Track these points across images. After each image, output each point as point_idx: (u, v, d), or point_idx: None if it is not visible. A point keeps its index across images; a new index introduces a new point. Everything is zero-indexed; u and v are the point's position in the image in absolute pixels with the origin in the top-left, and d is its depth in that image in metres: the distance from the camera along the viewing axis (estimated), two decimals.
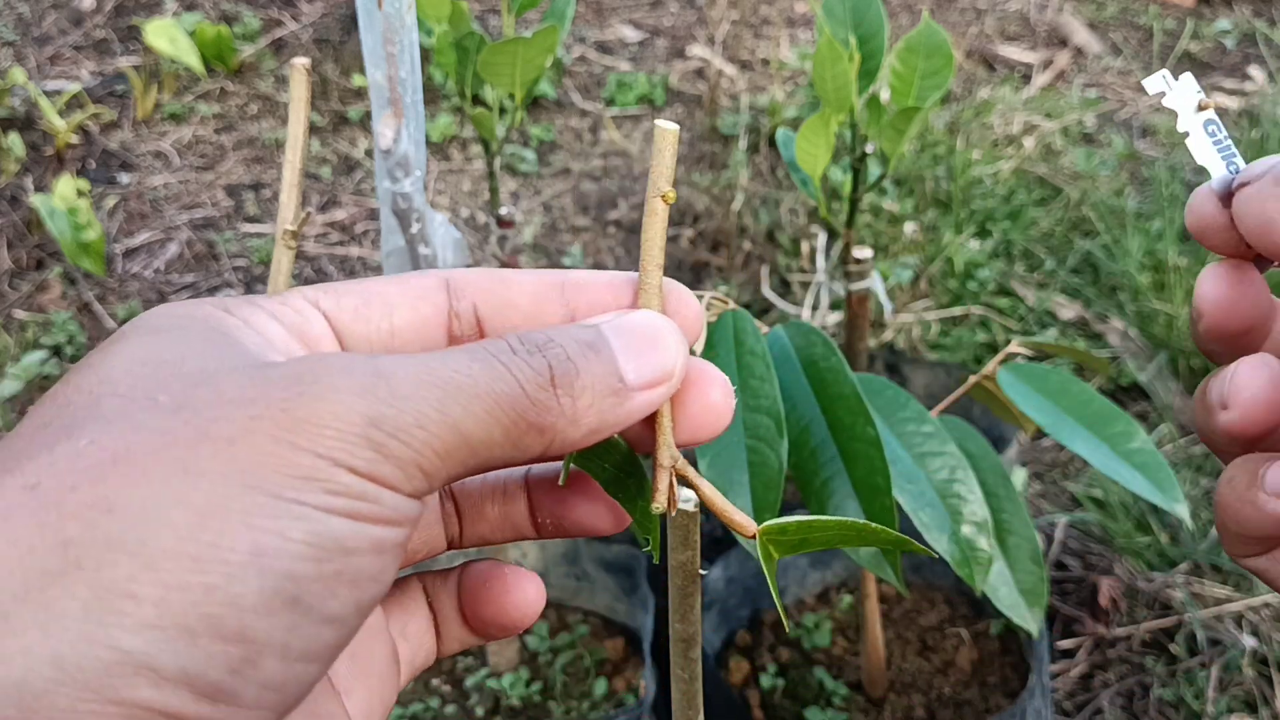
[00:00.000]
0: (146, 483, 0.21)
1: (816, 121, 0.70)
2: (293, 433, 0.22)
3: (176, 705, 0.20)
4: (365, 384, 0.23)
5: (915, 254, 1.74)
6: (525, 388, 0.25)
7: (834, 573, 1.11)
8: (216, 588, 0.21)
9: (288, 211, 0.50)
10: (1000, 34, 2.39)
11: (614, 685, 1.02)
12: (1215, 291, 0.31)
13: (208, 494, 0.21)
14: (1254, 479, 0.30)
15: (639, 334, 0.28)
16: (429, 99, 2.16)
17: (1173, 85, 0.33)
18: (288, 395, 0.23)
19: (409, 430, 0.23)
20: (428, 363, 0.24)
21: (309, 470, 0.22)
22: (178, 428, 0.22)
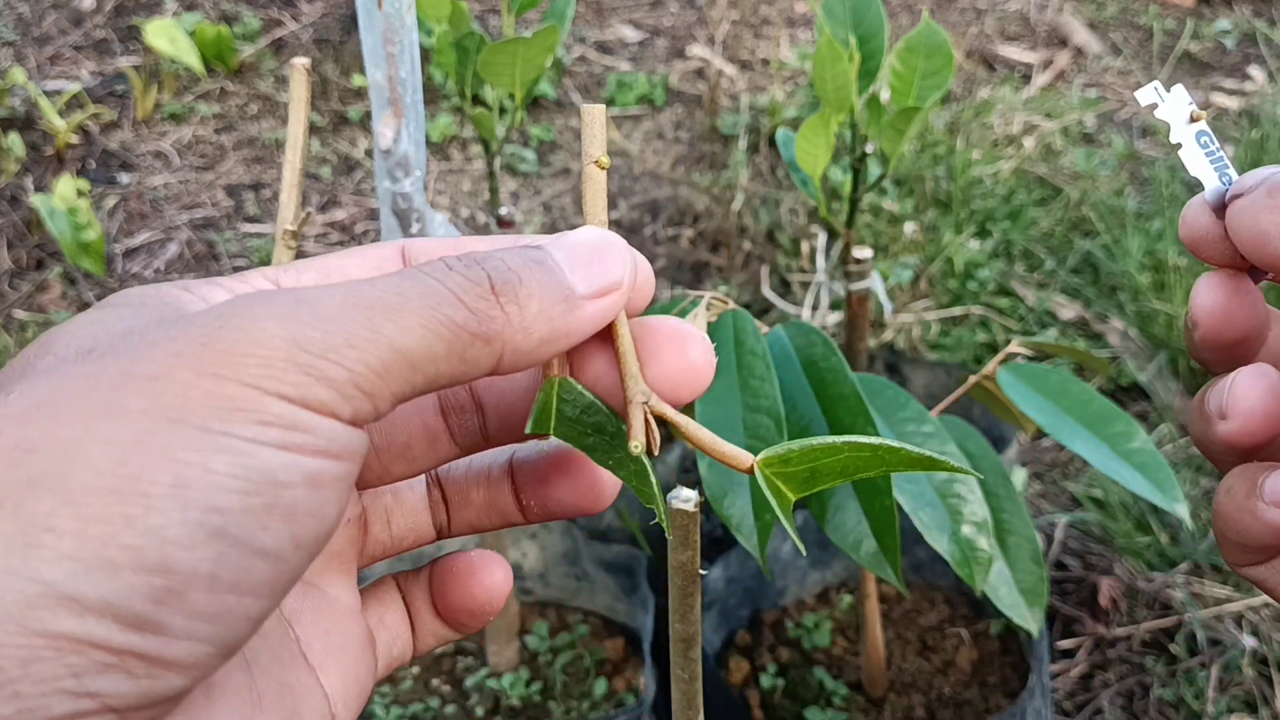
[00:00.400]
0: (69, 423, 0.21)
1: (816, 121, 0.70)
2: (216, 365, 0.22)
3: (101, 635, 0.20)
4: (285, 310, 0.23)
5: (915, 254, 1.74)
6: (463, 298, 0.25)
7: (834, 573, 1.11)
8: (135, 519, 0.21)
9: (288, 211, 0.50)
10: (1000, 34, 2.39)
11: (614, 685, 1.02)
12: (1211, 301, 0.31)
13: (130, 430, 0.21)
14: (1253, 488, 0.30)
15: (583, 246, 0.27)
16: (429, 99, 2.16)
17: (1164, 97, 0.33)
18: (208, 330, 0.22)
19: (338, 350, 0.23)
20: (354, 286, 0.24)
21: (237, 400, 0.22)
22: (101, 371, 0.22)
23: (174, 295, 0.26)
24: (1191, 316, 0.32)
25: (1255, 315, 0.32)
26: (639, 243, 1.84)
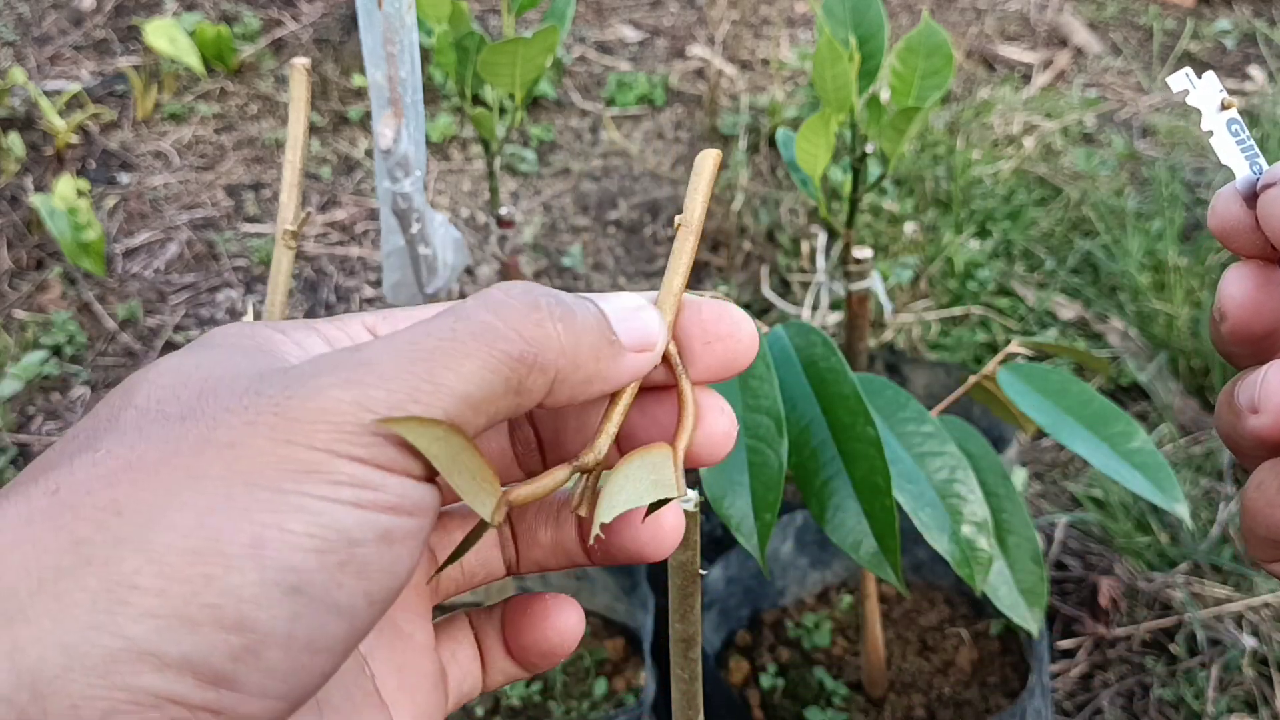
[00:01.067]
0: (153, 487, 0.22)
1: (816, 121, 0.70)
2: (288, 432, 0.23)
3: (180, 691, 0.21)
4: (350, 376, 0.23)
5: (915, 254, 1.74)
6: (517, 328, 0.25)
7: (834, 573, 1.11)
8: (215, 578, 0.21)
9: (288, 211, 0.50)
10: (1000, 34, 2.39)
11: (614, 685, 1.02)
12: (1241, 292, 0.31)
13: (209, 494, 0.22)
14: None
15: (626, 305, 0.28)
16: (429, 99, 2.16)
17: (1195, 84, 0.33)
18: (278, 399, 0.23)
19: (403, 407, 0.23)
20: (411, 337, 0.24)
21: (309, 464, 0.23)
22: (182, 436, 0.23)
23: (269, 339, 0.27)
24: (1219, 308, 0.31)
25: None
26: (639, 242, 1.84)
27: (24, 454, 1.51)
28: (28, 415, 1.57)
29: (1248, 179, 0.32)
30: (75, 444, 0.24)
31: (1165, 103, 2.12)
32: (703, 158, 0.31)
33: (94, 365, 1.65)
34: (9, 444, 1.51)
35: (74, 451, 0.24)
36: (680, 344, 0.30)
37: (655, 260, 1.81)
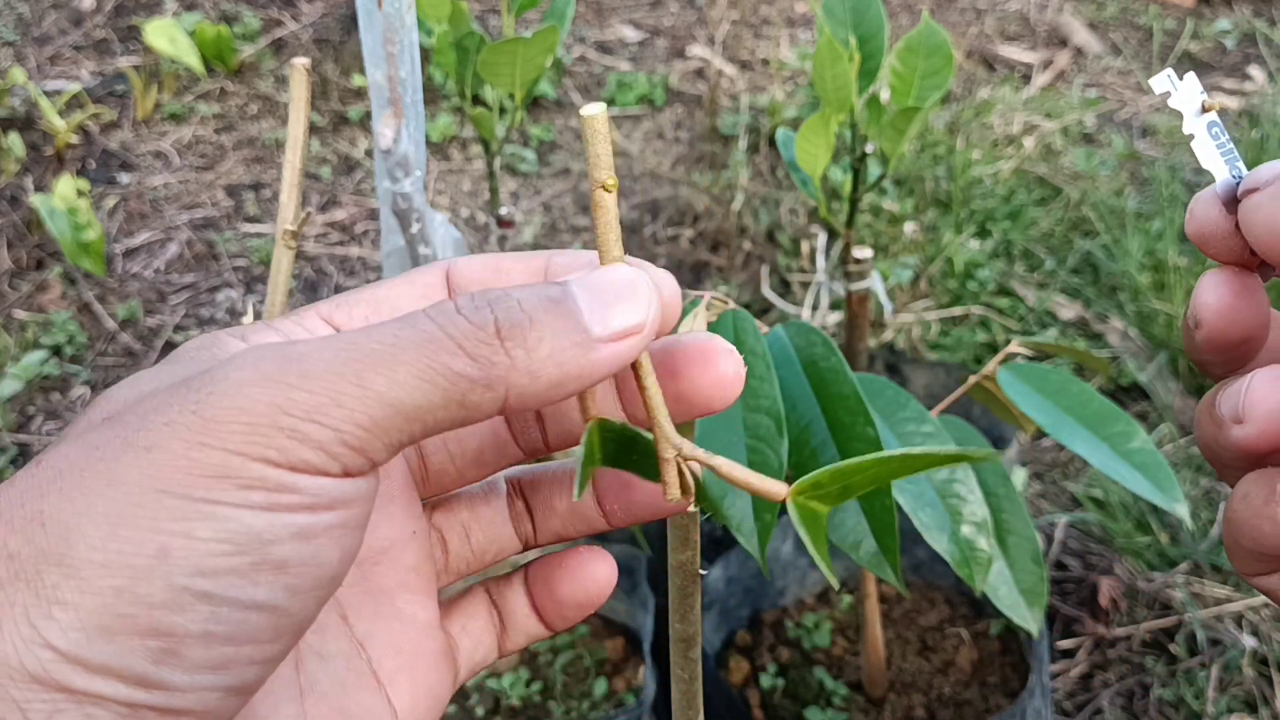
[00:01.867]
0: (75, 496, 0.23)
1: (816, 121, 0.70)
2: (203, 434, 0.23)
3: (111, 692, 0.22)
4: (270, 372, 0.23)
5: (915, 254, 1.74)
6: (464, 344, 0.24)
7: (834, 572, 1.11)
8: (124, 589, 0.22)
9: (288, 211, 0.50)
10: (1000, 34, 2.39)
11: (614, 685, 1.02)
12: (1217, 299, 0.30)
13: (121, 503, 0.23)
14: (1272, 493, 0.29)
15: (607, 286, 0.26)
16: (429, 99, 2.16)
17: (1178, 86, 0.33)
18: (199, 397, 0.23)
19: (324, 410, 0.23)
20: (350, 338, 0.24)
21: (220, 468, 0.23)
22: (108, 440, 0.24)
23: (227, 344, 0.27)
24: (1194, 315, 0.31)
25: (1260, 315, 0.31)
26: (639, 242, 1.84)
27: (24, 454, 1.51)
28: (28, 415, 1.57)
29: (1227, 183, 0.31)
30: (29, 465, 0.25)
31: (1165, 102, 2.11)
32: (588, 121, 0.28)
33: (94, 365, 1.65)
34: (9, 444, 1.51)
35: (24, 470, 0.25)
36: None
37: (655, 260, 1.81)
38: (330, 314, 0.29)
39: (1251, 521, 0.30)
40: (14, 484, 0.24)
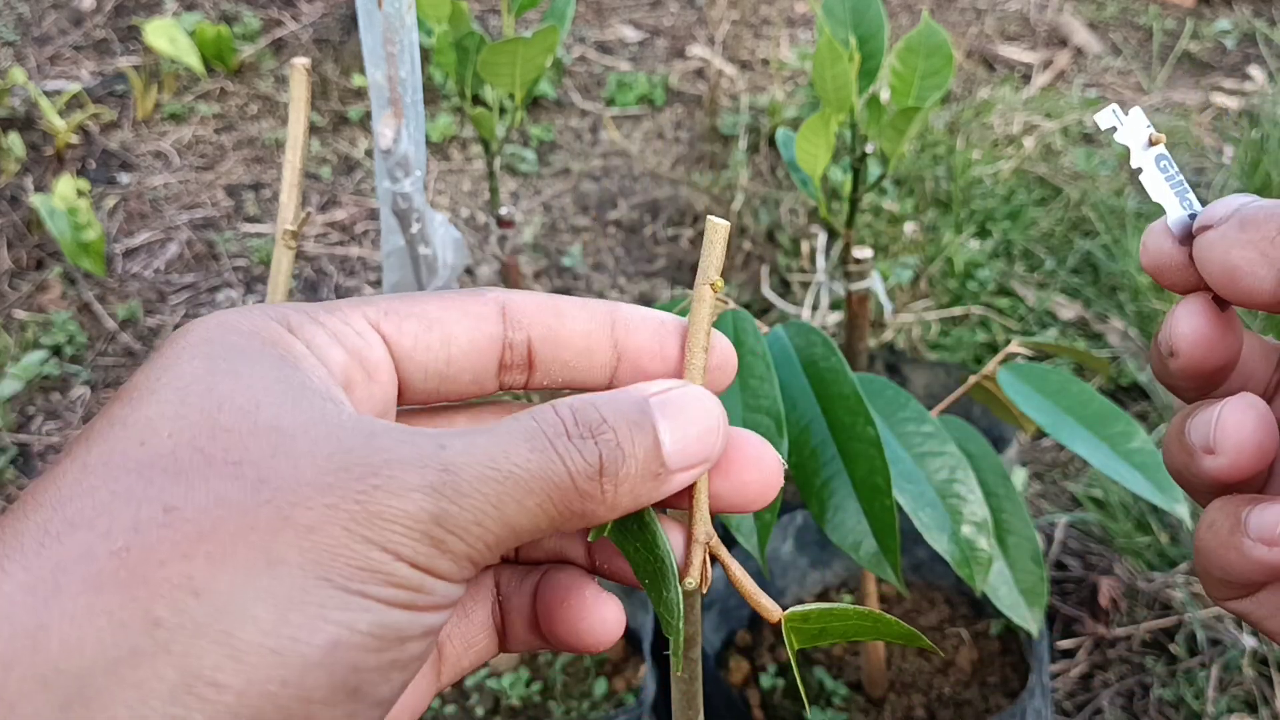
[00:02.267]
0: (231, 568, 0.22)
1: (816, 121, 0.70)
2: (365, 526, 0.23)
3: None
4: (433, 481, 0.24)
5: (915, 254, 1.74)
6: (575, 480, 0.26)
7: (834, 573, 1.11)
8: (291, 681, 0.22)
9: (288, 211, 0.50)
10: (1000, 34, 2.39)
11: (614, 685, 1.02)
12: (1194, 329, 0.30)
13: (288, 585, 0.23)
14: (1237, 523, 0.29)
15: (687, 416, 0.28)
16: (429, 99, 2.16)
17: (1123, 120, 0.32)
18: (363, 488, 0.24)
19: (467, 528, 0.24)
20: (490, 453, 0.25)
21: (375, 563, 0.23)
22: (259, 507, 0.23)
23: (281, 339, 0.27)
24: (1170, 344, 0.31)
25: (1235, 343, 0.31)
26: (639, 242, 1.84)
27: (24, 453, 1.51)
28: (28, 415, 1.57)
29: (1181, 220, 0.31)
30: (125, 477, 0.23)
31: (1165, 103, 2.12)
32: (711, 226, 0.31)
33: (94, 365, 1.65)
34: (9, 444, 1.51)
35: (128, 491, 0.23)
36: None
37: (655, 260, 1.81)
38: (378, 321, 0.29)
39: (1219, 551, 0.30)
40: (139, 531, 0.22)
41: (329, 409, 0.25)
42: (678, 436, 0.28)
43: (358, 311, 0.29)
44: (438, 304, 0.30)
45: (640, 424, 0.27)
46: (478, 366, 0.30)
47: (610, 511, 0.27)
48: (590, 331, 0.31)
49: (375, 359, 0.28)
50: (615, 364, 0.31)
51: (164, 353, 0.26)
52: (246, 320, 0.27)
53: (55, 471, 0.24)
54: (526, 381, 0.31)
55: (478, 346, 0.30)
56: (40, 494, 0.24)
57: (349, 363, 0.28)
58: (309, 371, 0.26)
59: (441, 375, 0.30)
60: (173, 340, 0.26)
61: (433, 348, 0.29)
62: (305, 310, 0.28)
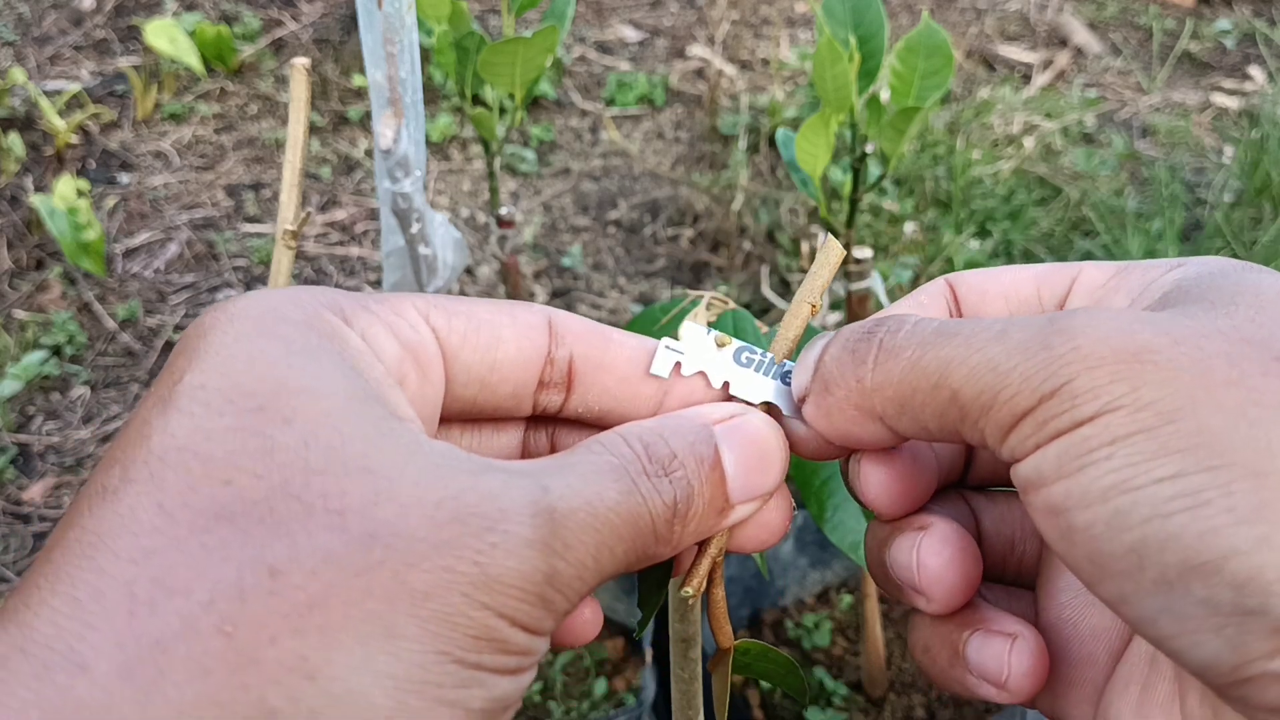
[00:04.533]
0: (347, 645, 0.21)
1: (816, 121, 0.70)
2: (484, 591, 0.22)
3: None
4: (545, 535, 0.23)
5: (915, 254, 1.74)
6: (656, 525, 0.25)
7: (834, 573, 1.11)
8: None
9: (288, 211, 0.50)
10: (1000, 34, 2.39)
11: (614, 685, 1.02)
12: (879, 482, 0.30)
13: (407, 664, 0.21)
14: (955, 654, 0.29)
15: (752, 450, 0.28)
16: (429, 99, 2.16)
17: (680, 347, 0.30)
18: (481, 546, 0.22)
19: (570, 583, 0.24)
20: (587, 497, 0.24)
21: (493, 631, 0.22)
22: (372, 571, 0.21)
23: (336, 330, 0.25)
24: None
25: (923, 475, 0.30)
26: (639, 242, 1.84)
27: (24, 453, 1.51)
28: (28, 415, 1.57)
29: (788, 405, 0.30)
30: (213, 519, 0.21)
31: (1165, 103, 2.12)
32: (829, 247, 0.30)
33: (94, 365, 1.65)
34: (9, 444, 1.52)
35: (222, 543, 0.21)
36: None
37: (655, 260, 1.81)
38: (427, 311, 0.28)
39: (942, 679, 0.30)
40: (244, 602, 0.20)
41: (411, 437, 0.24)
42: (741, 470, 0.27)
43: (407, 303, 0.28)
44: (488, 306, 0.29)
45: (707, 458, 0.27)
46: (519, 379, 0.29)
47: (672, 552, 0.26)
48: (639, 360, 0.30)
49: (429, 355, 0.27)
50: (661, 399, 0.30)
51: (212, 343, 0.24)
52: (297, 309, 0.25)
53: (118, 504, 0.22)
54: (562, 405, 0.30)
55: (524, 355, 0.29)
56: (109, 536, 0.21)
57: (403, 357, 0.26)
58: (369, 371, 0.25)
59: (483, 382, 0.28)
60: (218, 327, 0.24)
61: (479, 349, 0.28)
62: (356, 299, 0.27)
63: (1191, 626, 0.22)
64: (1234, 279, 0.26)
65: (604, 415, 0.30)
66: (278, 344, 0.24)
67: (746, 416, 0.28)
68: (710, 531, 0.27)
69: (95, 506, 0.22)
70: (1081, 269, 0.30)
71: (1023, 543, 0.32)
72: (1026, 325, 0.25)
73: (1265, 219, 1.70)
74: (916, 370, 0.26)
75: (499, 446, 0.31)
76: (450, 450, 0.24)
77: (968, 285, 0.31)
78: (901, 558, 0.29)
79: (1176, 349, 0.23)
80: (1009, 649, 0.28)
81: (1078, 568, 0.24)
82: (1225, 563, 0.21)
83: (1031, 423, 0.24)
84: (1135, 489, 0.22)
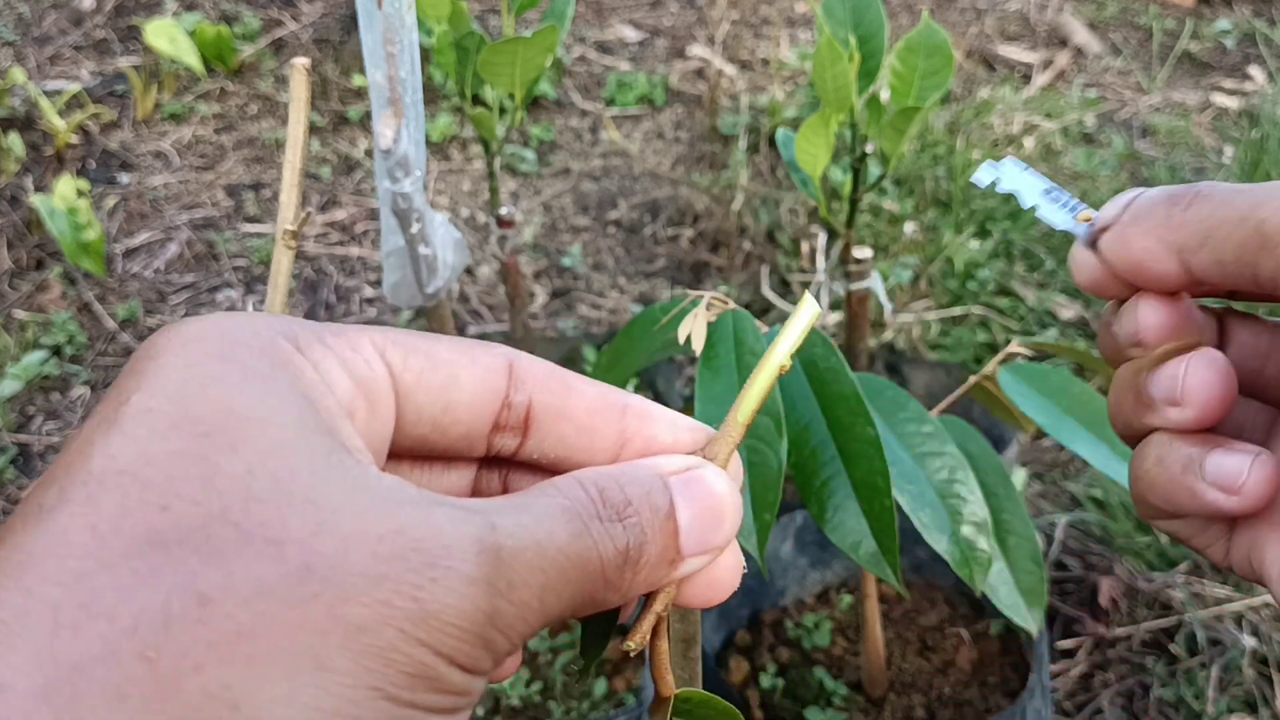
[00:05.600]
0: (274, 676, 0.20)
1: (816, 121, 0.70)
2: (421, 627, 0.22)
3: None
4: (488, 574, 0.23)
5: (915, 254, 1.74)
6: (605, 569, 0.25)
7: (834, 573, 1.11)
8: None
9: (288, 211, 0.50)
10: (1000, 34, 2.39)
11: (614, 685, 1.02)
12: (1158, 321, 0.31)
13: (336, 698, 0.21)
14: (1190, 463, 0.30)
15: (707, 504, 0.27)
16: (429, 99, 2.16)
17: (1002, 170, 0.34)
18: (420, 581, 0.22)
19: (513, 624, 0.23)
20: (536, 537, 0.24)
21: (427, 669, 0.22)
22: (307, 604, 0.21)
23: (290, 360, 0.25)
24: (1139, 337, 0.31)
25: (1198, 324, 0.32)
26: (638, 242, 1.84)
27: (24, 453, 1.51)
28: (28, 415, 1.57)
29: (1088, 232, 0.32)
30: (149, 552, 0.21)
31: (1165, 103, 2.12)
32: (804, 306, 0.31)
33: (94, 365, 1.65)
34: (9, 444, 1.52)
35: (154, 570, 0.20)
36: None
37: (655, 260, 1.81)
38: (384, 347, 0.27)
39: (1167, 486, 0.31)
40: (170, 628, 0.20)
41: (361, 470, 0.23)
42: (695, 523, 0.27)
43: (365, 337, 0.27)
44: (447, 346, 0.28)
45: (662, 507, 0.26)
46: (473, 420, 0.28)
47: (621, 600, 0.26)
48: (598, 410, 0.29)
49: (380, 391, 0.27)
50: (618, 451, 0.29)
51: (164, 365, 0.23)
52: (253, 335, 0.24)
53: (51, 524, 0.21)
54: (517, 449, 0.29)
55: (479, 399, 0.28)
56: (40, 556, 0.21)
57: (355, 392, 0.26)
58: (321, 401, 0.24)
59: (434, 422, 0.28)
60: (170, 349, 0.24)
61: (434, 389, 0.28)
62: (312, 329, 0.26)
63: None
64: None
65: (559, 462, 0.30)
66: (231, 369, 0.23)
67: (703, 470, 0.28)
68: (660, 583, 0.27)
69: (29, 525, 0.21)
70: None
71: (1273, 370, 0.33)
72: None
73: None
74: (1228, 205, 0.28)
75: (449, 484, 0.30)
76: (399, 484, 0.23)
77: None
78: (1167, 371, 0.30)
79: None
80: (1252, 459, 0.29)
81: None
82: None
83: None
84: None
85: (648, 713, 0.33)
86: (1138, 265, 0.30)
